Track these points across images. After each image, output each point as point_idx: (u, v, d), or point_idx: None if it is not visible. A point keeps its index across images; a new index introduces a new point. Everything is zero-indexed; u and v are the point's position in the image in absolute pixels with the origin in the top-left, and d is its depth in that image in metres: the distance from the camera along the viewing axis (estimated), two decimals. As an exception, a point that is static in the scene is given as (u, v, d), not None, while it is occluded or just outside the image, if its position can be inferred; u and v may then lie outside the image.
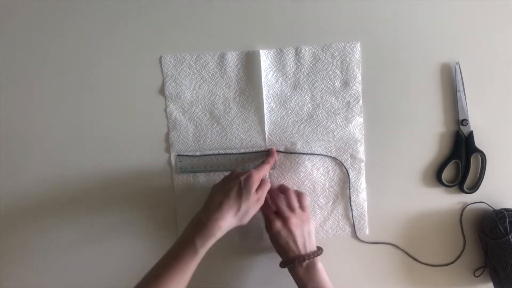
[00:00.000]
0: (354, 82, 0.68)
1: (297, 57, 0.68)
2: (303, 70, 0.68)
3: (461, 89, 0.67)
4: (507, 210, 0.66)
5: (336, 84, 0.68)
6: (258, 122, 0.68)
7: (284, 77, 0.68)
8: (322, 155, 0.69)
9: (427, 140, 0.69)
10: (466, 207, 0.70)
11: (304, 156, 0.69)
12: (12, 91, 0.69)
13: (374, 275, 0.71)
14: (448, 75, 0.68)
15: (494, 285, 0.68)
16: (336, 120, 0.68)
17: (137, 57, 0.68)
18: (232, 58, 0.68)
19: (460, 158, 0.69)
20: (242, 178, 0.60)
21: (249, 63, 0.68)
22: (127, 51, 0.68)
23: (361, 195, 0.69)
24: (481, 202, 0.70)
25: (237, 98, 0.68)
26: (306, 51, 0.67)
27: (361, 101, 0.68)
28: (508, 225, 0.64)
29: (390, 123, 0.69)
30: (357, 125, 0.68)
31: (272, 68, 0.68)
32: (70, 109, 0.69)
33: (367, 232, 0.70)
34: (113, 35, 0.68)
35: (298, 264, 0.61)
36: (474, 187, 0.70)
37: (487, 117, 0.69)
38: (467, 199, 0.70)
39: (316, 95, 0.68)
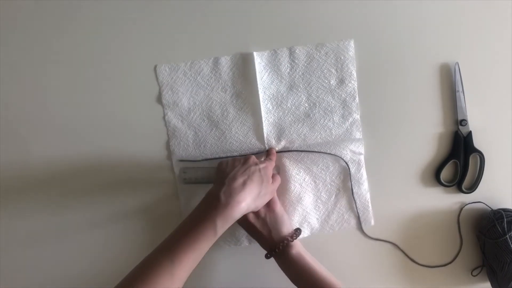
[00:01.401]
0: (349, 80, 0.68)
1: (292, 57, 0.68)
2: (298, 70, 0.68)
3: (460, 89, 0.68)
4: (505, 210, 0.67)
5: (331, 83, 0.68)
6: (256, 123, 0.69)
7: (279, 77, 0.68)
8: (321, 152, 0.68)
9: (425, 140, 0.70)
10: (464, 206, 0.71)
11: (302, 153, 0.69)
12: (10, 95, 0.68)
13: (374, 271, 0.72)
14: (448, 75, 0.68)
15: (492, 284, 0.69)
16: (333, 118, 0.69)
17: (132, 67, 0.68)
18: (226, 62, 0.68)
19: (458, 158, 0.69)
20: (261, 166, 0.60)
21: (244, 66, 0.68)
22: (122, 62, 0.67)
23: (363, 186, 0.70)
24: (479, 202, 0.70)
25: (234, 101, 0.69)
26: (300, 51, 0.67)
27: (357, 98, 0.68)
28: (505, 225, 0.64)
29: (389, 124, 0.69)
30: (354, 122, 0.69)
31: (267, 70, 0.68)
32: (68, 123, 0.69)
33: (372, 222, 0.70)
34: (107, 47, 0.67)
35: (274, 255, 0.62)
36: (472, 187, 0.70)
37: (486, 118, 0.69)
38: (465, 199, 0.71)
39: (312, 94, 0.68)
